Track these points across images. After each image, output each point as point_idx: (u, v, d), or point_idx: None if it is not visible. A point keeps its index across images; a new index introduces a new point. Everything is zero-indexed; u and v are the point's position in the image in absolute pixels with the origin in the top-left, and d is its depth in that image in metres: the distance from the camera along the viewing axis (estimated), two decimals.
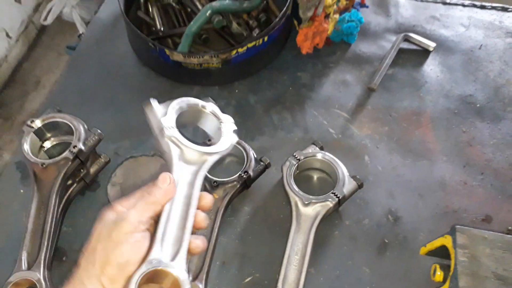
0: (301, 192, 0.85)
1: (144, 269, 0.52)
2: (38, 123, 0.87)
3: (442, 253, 0.74)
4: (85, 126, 0.88)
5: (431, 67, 1.11)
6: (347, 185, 0.86)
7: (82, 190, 0.90)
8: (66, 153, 0.83)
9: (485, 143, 0.98)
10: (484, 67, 1.11)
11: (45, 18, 2.50)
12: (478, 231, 0.72)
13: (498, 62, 1.11)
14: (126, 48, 1.15)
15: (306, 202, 0.83)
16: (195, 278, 0.78)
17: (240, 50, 1.00)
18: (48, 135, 0.90)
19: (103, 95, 1.08)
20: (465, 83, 1.08)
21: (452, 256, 0.70)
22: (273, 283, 0.79)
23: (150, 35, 1.10)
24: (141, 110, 1.03)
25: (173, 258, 0.53)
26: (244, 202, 0.92)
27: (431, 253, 0.78)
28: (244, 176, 0.88)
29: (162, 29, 1.11)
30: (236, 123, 1.01)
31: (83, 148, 0.85)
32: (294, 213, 0.84)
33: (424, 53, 1.13)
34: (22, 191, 0.94)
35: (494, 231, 0.73)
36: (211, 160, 0.61)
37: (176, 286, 0.53)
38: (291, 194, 0.86)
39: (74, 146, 0.84)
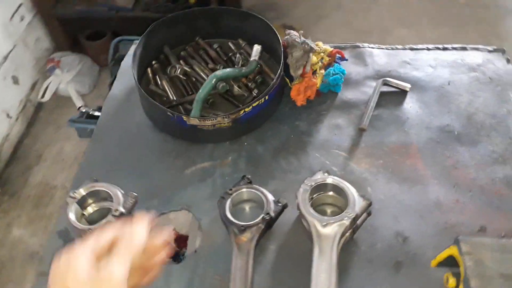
0: (317, 214, 0.92)
1: None
2: (82, 192, 0.97)
3: (450, 262, 0.86)
4: (121, 191, 0.99)
5: (410, 105, 1.27)
6: (358, 204, 0.94)
7: None
8: (108, 217, 0.94)
9: (468, 164, 1.13)
10: (455, 99, 1.28)
11: (43, 96, 2.64)
12: (477, 239, 0.85)
13: (466, 94, 1.29)
14: (141, 117, 1.28)
15: (324, 224, 0.90)
16: None
17: (247, 109, 1.14)
18: (90, 202, 1.00)
19: (127, 162, 1.19)
20: (441, 115, 1.25)
21: (461, 262, 0.82)
22: None
23: (164, 105, 1.24)
24: (163, 171, 1.17)
25: None
26: (269, 241, 1.02)
27: (441, 264, 0.89)
28: (267, 218, 0.99)
29: (174, 98, 1.25)
30: (250, 172, 1.16)
31: (123, 210, 0.95)
32: (314, 235, 0.90)
33: (402, 93, 1.30)
34: None
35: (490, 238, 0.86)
36: None
37: None
38: (308, 218, 0.92)
39: (116, 210, 0.94)
